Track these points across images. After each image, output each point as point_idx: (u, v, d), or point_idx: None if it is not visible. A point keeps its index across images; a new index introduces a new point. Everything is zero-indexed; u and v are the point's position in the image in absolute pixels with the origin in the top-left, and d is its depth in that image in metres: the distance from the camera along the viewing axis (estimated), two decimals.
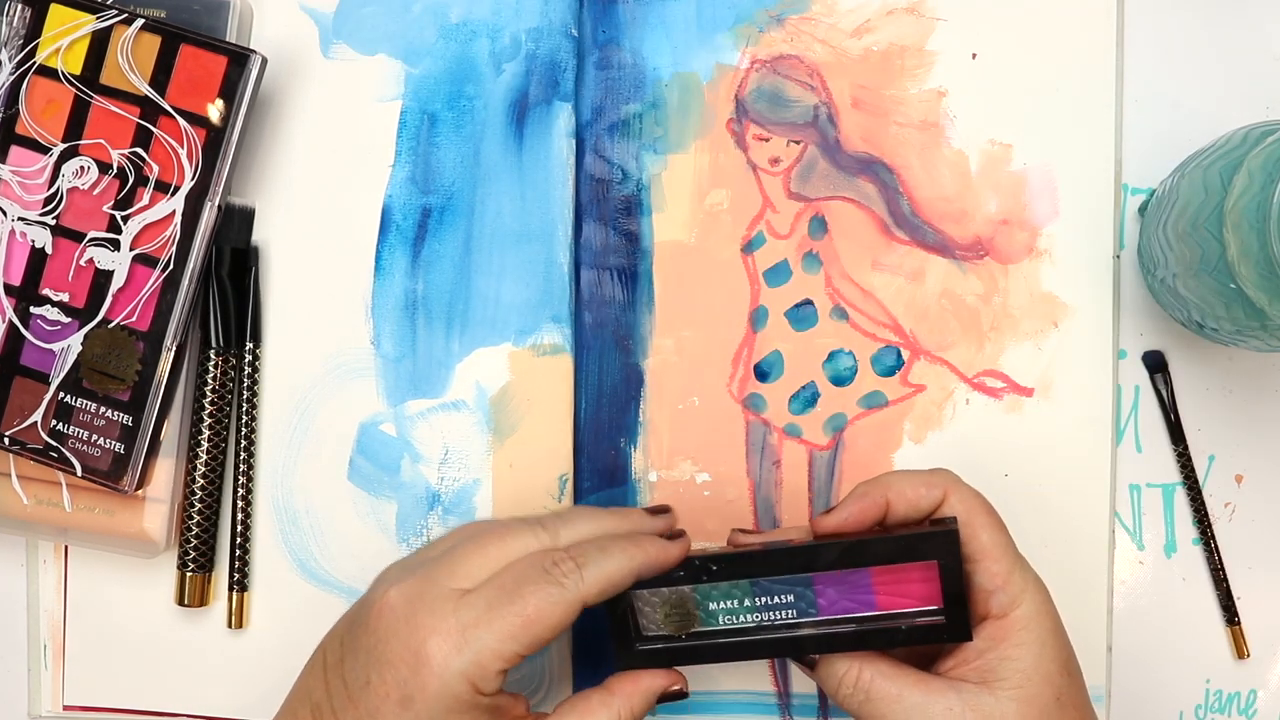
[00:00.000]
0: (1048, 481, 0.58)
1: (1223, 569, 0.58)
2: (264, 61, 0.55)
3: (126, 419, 0.55)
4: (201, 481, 0.57)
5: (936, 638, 0.48)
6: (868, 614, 0.49)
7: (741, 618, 0.49)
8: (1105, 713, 0.58)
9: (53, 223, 0.55)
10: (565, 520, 0.49)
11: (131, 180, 0.55)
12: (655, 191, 0.58)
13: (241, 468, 0.58)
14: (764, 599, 0.49)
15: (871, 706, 0.47)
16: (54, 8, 0.54)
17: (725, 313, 0.58)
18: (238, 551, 0.58)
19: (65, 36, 0.54)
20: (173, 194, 0.55)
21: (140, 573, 0.59)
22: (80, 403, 0.55)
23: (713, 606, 0.49)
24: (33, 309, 0.55)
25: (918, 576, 0.48)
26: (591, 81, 0.58)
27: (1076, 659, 0.48)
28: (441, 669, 0.44)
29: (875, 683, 0.47)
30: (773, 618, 0.49)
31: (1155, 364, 0.58)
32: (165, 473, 0.57)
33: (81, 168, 0.55)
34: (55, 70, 0.55)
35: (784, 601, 0.49)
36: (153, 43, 0.54)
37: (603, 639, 0.58)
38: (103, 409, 0.55)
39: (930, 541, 0.47)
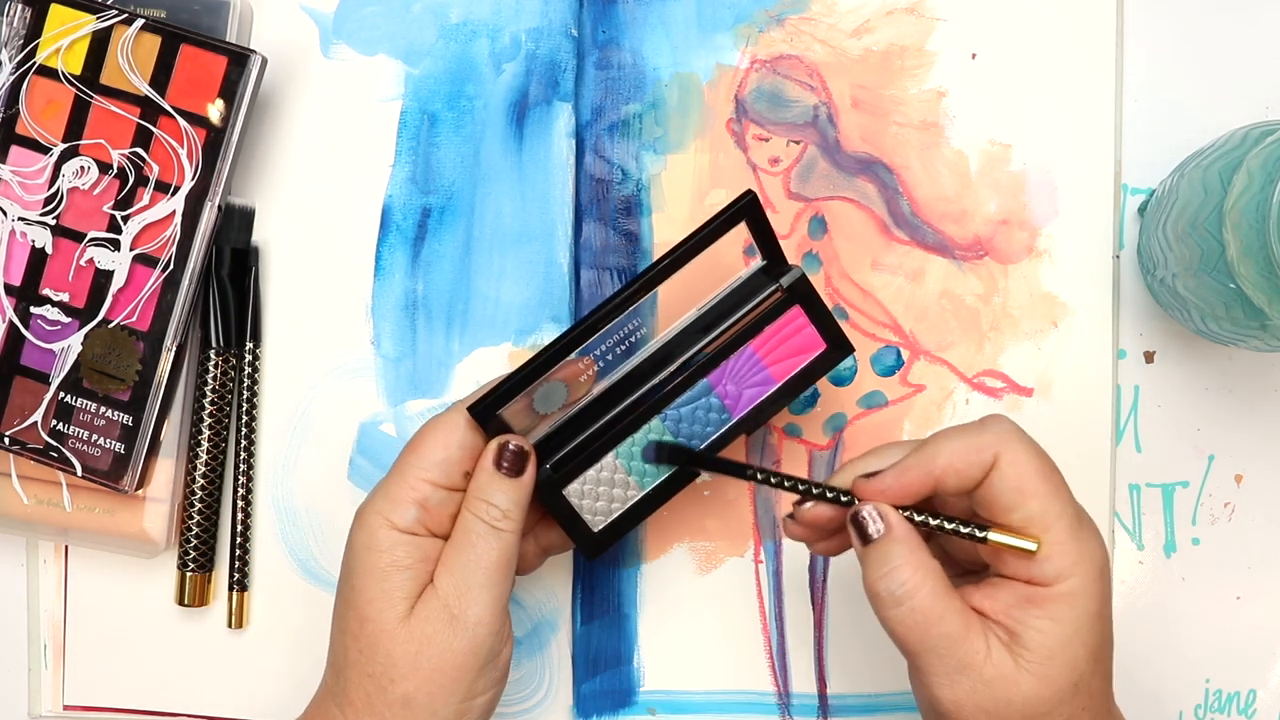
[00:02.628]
0: None
1: None
2: (264, 61, 0.55)
3: (126, 419, 0.55)
4: (201, 481, 0.57)
5: (828, 364, 0.52)
6: (775, 389, 0.51)
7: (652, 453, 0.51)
8: None
9: (53, 223, 0.55)
10: None
11: (131, 180, 0.55)
12: (655, 191, 0.58)
13: (241, 467, 0.58)
14: (681, 426, 0.51)
15: (903, 613, 0.45)
16: (54, 8, 0.54)
17: None
18: (238, 551, 0.58)
19: (65, 36, 0.54)
20: (173, 194, 0.55)
21: (140, 573, 0.59)
22: (80, 403, 0.55)
23: (642, 464, 0.51)
24: (33, 309, 0.55)
25: (793, 329, 0.50)
26: (591, 81, 0.58)
27: (1112, 648, 0.46)
28: (359, 517, 0.49)
29: (921, 593, 0.44)
30: (697, 444, 0.51)
31: None
32: (165, 472, 0.57)
33: (82, 168, 0.55)
34: (55, 70, 0.55)
35: (701, 419, 0.51)
36: (153, 43, 0.54)
37: (603, 639, 0.59)
38: (103, 409, 0.55)
39: (730, 218, 0.49)
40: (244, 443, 0.58)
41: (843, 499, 0.46)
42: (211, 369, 0.57)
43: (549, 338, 0.58)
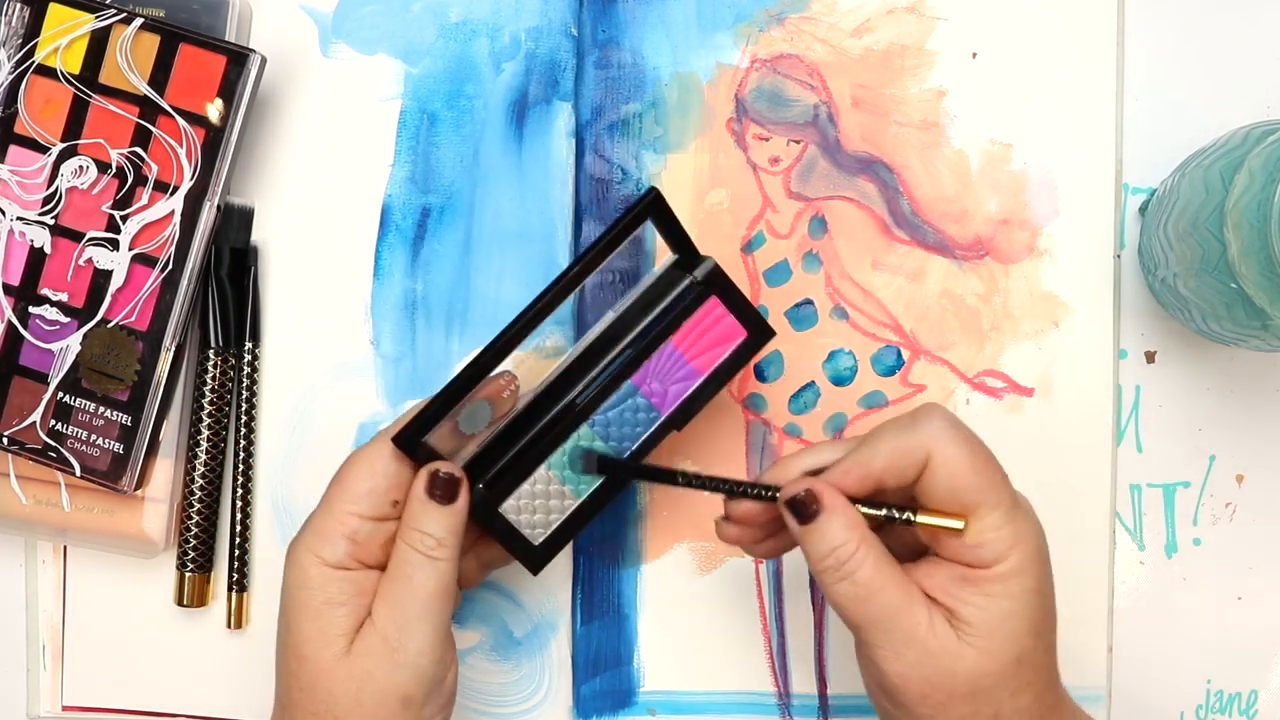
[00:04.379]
0: (1048, 481, 0.57)
1: None
2: (263, 61, 0.55)
3: (125, 419, 0.55)
4: (201, 481, 0.57)
5: (751, 351, 0.52)
6: (700, 382, 0.51)
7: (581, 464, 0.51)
8: (1105, 713, 0.58)
9: (52, 222, 0.55)
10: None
11: (130, 180, 0.55)
12: None
13: (241, 468, 0.58)
14: (610, 430, 0.51)
15: (846, 588, 0.45)
16: (53, 7, 0.54)
17: None
18: (237, 551, 0.58)
19: (64, 36, 0.54)
20: (172, 194, 0.55)
21: (140, 573, 0.59)
22: (79, 403, 0.55)
23: (576, 474, 0.51)
24: (32, 309, 0.55)
25: (712, 320, 0.50)
26: (591, 81, 0.58)
27: (1054, 626, 0.46)
28: (290, 555, 0.49)
29: (863, 568, 0.45)
30: (630, 446, 0.51)
31: None
32: (164, 473, 0.57)
33: (80, 167, 0.55)
34: (54, 70, 0.54)
35: (630, 420, 0.51)
36: (152, 42, 0.54)
37: (603, 639, 0.58)
38: (102, 409, 0.55)
39: (636, 216, 0.49)
40: (243, 443, 0.58)
41: (774, 496, 0.47)
42: (211, 369, 0.57)
43: (549, 338, 0.58)
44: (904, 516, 0.46)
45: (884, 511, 0.46)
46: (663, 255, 0.58)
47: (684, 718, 0.59)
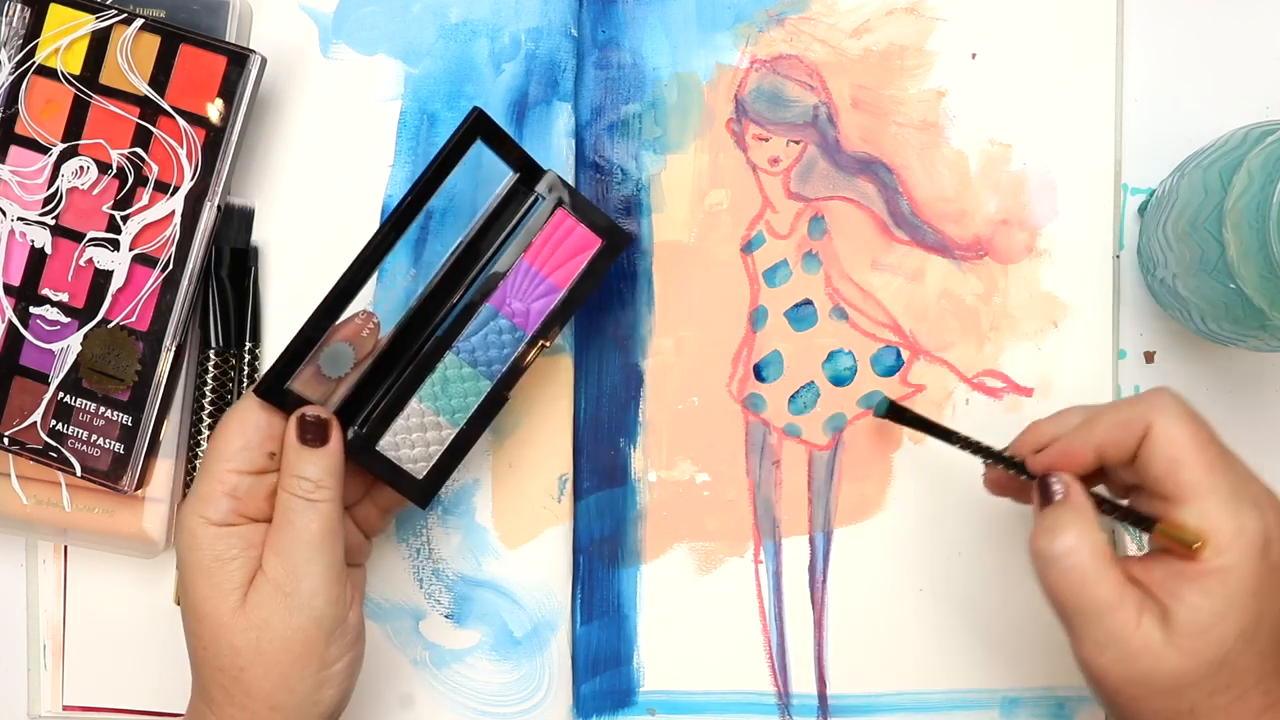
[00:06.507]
0: None
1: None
2: (263, 61, 0.55)
3: (126, 419, 0.55)
4: None
5: (609, 257, 0.52)
6: (562, 296, 0.52)
7: (479, 385, 0.52)
8: (1105, 713, 0.58)
9: (52, 223, 0.55)
10: None
11: (131, 180, 0.55)
12: (655, 191, 0.58)
13: None
14: (477, 355, 0.52)
15: (1058, 571, 0.45)
16: (53, 7, 0.54)
17: (725, 313, 0.58)
18: None
19: (65, 36, 0.54)
20: (172, 194, 0.55)
21: (140, 573, 0.59)
22: (80, 403, 0.55)
23: (448, 403, 0.51)
24: (32, 309, 0.55)
25: (563, 232, 0.51)
26: (591, 81, 0.58)
27: (1271, 622, 0.45)
28: (178, 520, 0.50)
29: (1078, 556, 0.45)
30: (500, 369, 0.52)
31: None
32: (165, 473, 0.57)
33: (81, 168, 0.55)
34: (55, 70, 0.55)
35: (495, 342, 0.52)
36: (152, 43, 0.54)
37: (603, 639, 0.59)
38: (102, 409, 0.55)
39: (462, 138, 0.50)
40: None
41: (1023, 469, 0.49)
42: (211, 369, 0.57)
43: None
44: (1148, 526, 0.46)
45: (1124, 508, 0.47)
46: (660, 254, 0.58)
47: (684, 717, 0.59)
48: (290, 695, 0.48)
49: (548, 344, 0.52)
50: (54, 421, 0.55)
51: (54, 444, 0.56)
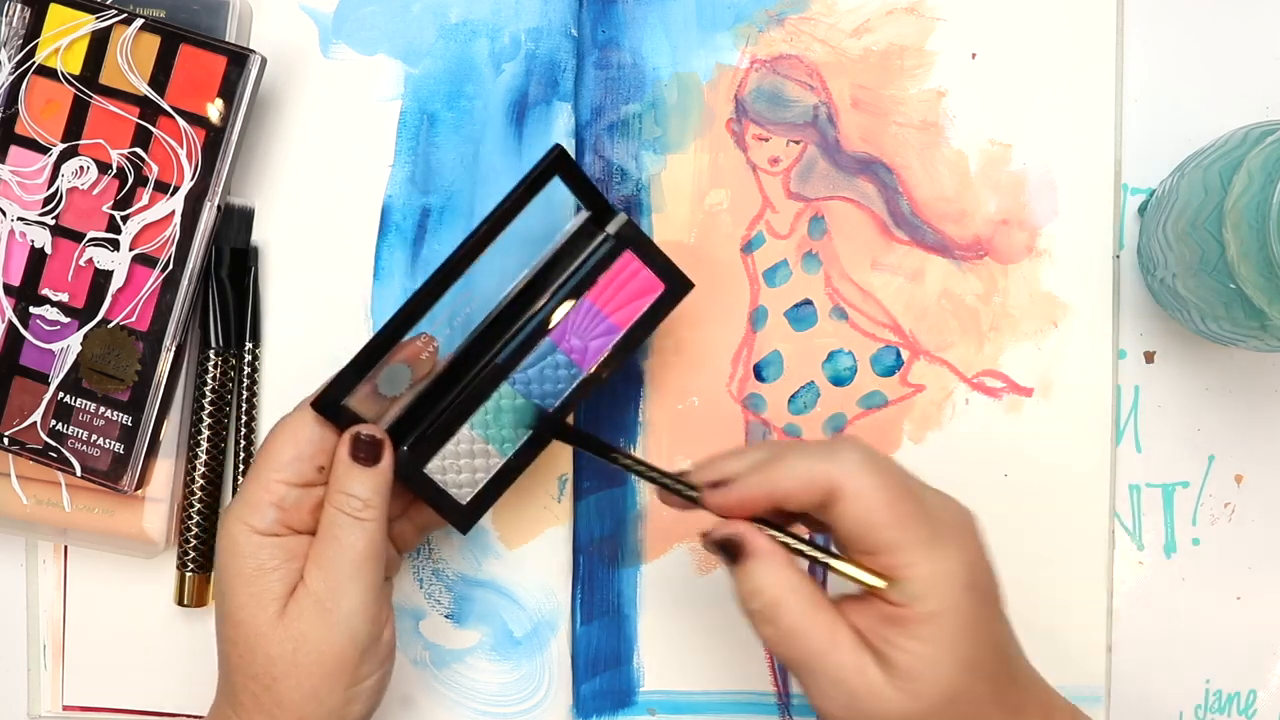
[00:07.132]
0: (1048, 482, 0.58)
1: None
2: (263, 61, 0.55)
3: (126, 419, 0.55)
4: (201, 481, 0.57)
5: (670, 303, 0.52)
6: (620, 337, 0.52)
7: (530, 417, 0.52)
8: (1105, 713, 0.58)
9: (52, 223, 0.55)
10: None
11: (131, 180, 0.55)
12: (655, 191, 0.58)
13: (241, 468, 0.58)
14: (532, 387, 0.51)
15: (770, 631, 0.45)
16: (53, 7, 0.54)
17: (725, 313, 0.58)
18: None
19: (65, 36, 0.54)
20: (172, 194, 0.55)
21: (140, 573, 0.59)
22: (80, 403, 0.55)
23: (499, 432, 0.51)
24: (32, 309, 0.55)
25: (628, 274, 0.51)
26: (591, 81, 0.58)
27: (995, 650, 0.45)
28: (222, 525, 0.50)
29: (786, 611, 0.44)
30: (553, 403, 0.52)
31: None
32: (165, 472, 0.57)
33: (81, 168, 0.55)
34: (55, 70, 0.55)
35: (550, 377, 0.51)
36: (152, 43, 0.54)
37: (603, 639, 0.59)
38: (102, 409, 0.55)
39: (541, 174, 0.50)
40: (243, 443, 0.58)
41: (694, 494, 0.47)
42: (211, 369, 0.57)
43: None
44: (830, 564, 0.45)
45: (806, 551, 0.45)
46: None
47: (684, 717, 0.59)
48: (319, 708, 0.48)
49: (601, 383, 0.52)
50: (54, 421, 0.55)
51: (54, 444, 0.56)
